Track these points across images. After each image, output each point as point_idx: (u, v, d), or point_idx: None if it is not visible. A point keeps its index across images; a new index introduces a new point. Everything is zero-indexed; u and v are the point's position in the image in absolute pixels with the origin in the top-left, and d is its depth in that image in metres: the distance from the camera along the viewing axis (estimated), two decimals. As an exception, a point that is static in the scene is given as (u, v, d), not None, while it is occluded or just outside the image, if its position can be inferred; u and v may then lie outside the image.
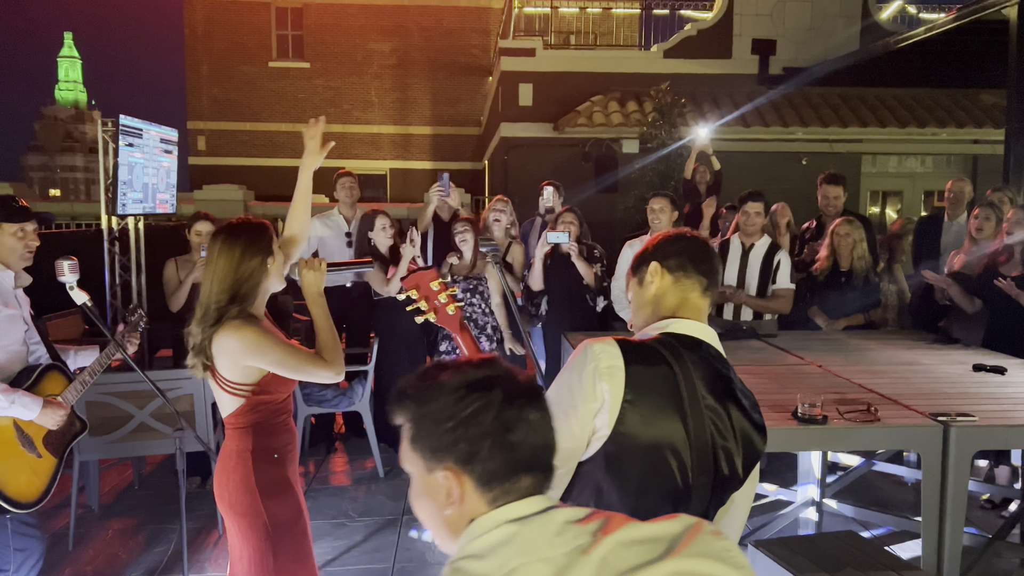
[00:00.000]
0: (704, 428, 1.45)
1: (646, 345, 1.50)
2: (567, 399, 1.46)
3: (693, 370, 1.48)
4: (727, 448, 1.49)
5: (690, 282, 1.62)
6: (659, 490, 1.43)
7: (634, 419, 1.41)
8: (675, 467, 1.43)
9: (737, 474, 1.51)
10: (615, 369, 1.42)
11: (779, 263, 4.66)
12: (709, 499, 1.48)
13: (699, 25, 12.47)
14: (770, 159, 11.87)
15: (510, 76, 12.20)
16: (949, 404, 2.99)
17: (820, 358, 3.87)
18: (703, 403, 1.47)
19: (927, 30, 8.59)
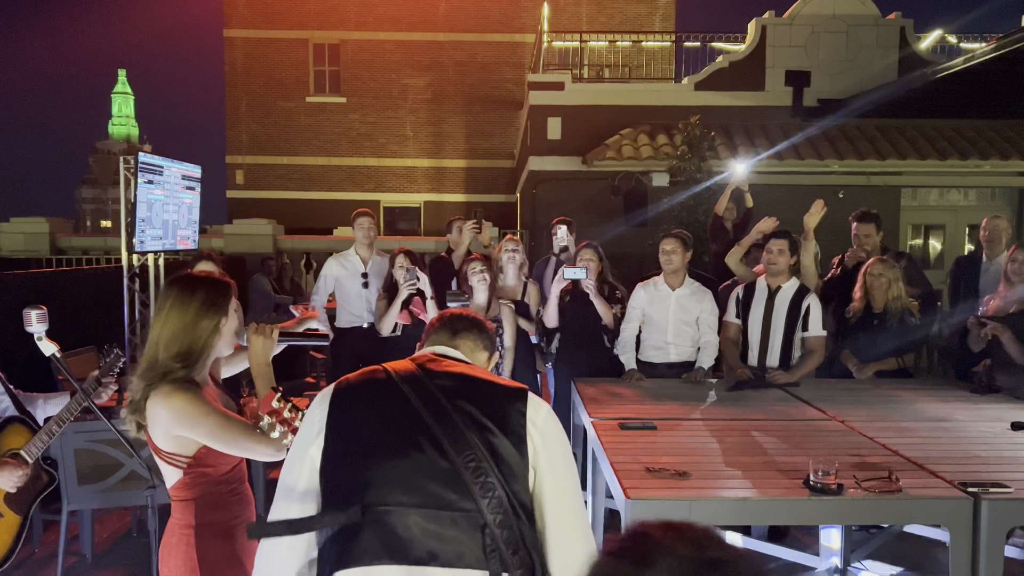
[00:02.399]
0: (433, 396, 1.51)
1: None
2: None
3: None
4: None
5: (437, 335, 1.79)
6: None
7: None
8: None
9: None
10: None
11: (808, 308, 4.38)
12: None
13: (731, 57, 12.28)
14: (805, 192, 11.48)
15: (539, 110, 12.12)
16: (982, 471, 2.71)
17: (843, 412, 3.60)
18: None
19: (966, 60, 8.28)
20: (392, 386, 1.56)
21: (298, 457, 1.56)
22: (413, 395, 1.52)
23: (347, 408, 1.55)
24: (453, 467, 1.43)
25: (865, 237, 5.15)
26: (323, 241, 13.69)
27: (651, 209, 11.06)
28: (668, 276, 4.61)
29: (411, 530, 1.40)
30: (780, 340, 4.42)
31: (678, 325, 4.55)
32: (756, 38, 12.16)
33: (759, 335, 4.46)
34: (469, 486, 1.42)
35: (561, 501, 1.51)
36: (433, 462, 1.44)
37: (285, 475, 1.56)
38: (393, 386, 1.56)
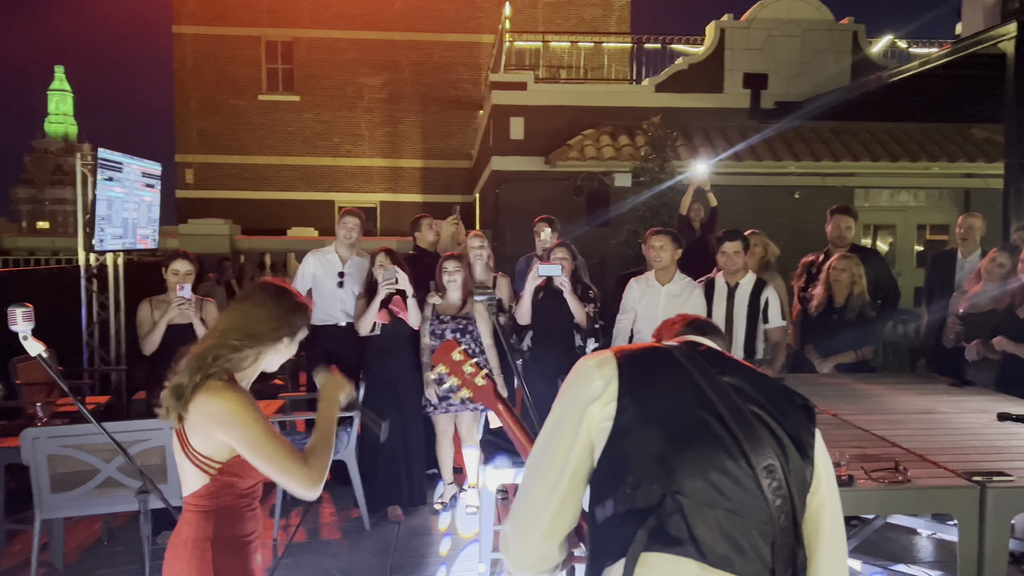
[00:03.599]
0: (725, 391, 1.39)
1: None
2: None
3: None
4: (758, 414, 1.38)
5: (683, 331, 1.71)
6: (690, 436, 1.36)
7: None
8: (704, 416, 1.37)
9: (781, 439, 1.37)
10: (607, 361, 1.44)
11: (767, 301, 4.50)
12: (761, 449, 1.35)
13: (690, 59, 12.43)
14: (763, 193, 11.78)
15: (501, 109, 12.10)
16: (979, 460, 2.77)
17: (832, 405, 3.65)
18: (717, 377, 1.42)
19: (922, 64, 8.51)
20: (682, 368, 1.45)
21: (571, 422, 1.41)
22: (707, 385, 1.41)
23: (641, 381, 1.41)
24: (753, 473, 1.34)
25: (846, 229, 5.26)
26: (282, 241, 13.45)
27: (614, 209, 11.12)
28: (658, 272, 4.65)
29: (712, 529, 1.32)
30: (743, 334, 4.52)
31: None
32: (715, 41, 12.34)
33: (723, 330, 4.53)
34: (766, 495, 1.34)
35: (836, 530, 1.44)
36: (734, 463, 1.35)
37: (549, 442, 1.43)
38: (683, 368, 1.45)
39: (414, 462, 4.92)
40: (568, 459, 1.39)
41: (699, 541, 1.28)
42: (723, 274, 4.66)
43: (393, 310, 4.81)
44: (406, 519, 4.82)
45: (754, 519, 1.30)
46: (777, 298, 4.57)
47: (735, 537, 1.29)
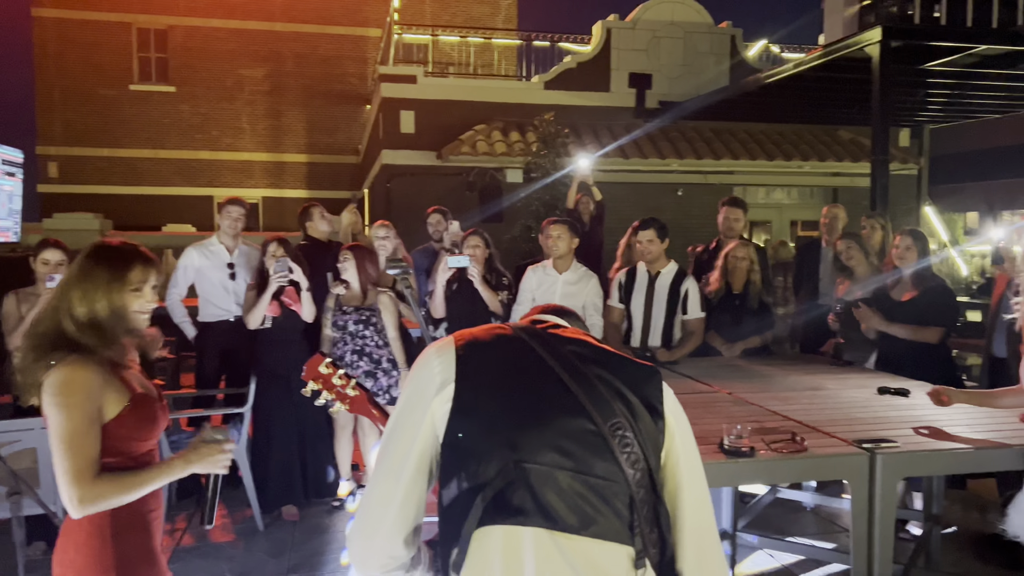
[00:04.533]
0: (567, 358, 1.42)
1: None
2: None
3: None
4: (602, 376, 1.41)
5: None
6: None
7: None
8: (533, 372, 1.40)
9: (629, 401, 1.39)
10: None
11: (687, 292, 4.58)
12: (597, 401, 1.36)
13: (578, 58, 12.65)
14: (648, 190, 12.12)
15: (391, 103, 11.92)
16: (866, 430, 2.92)
17: (728, 385, 3.78)
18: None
19: (796, 66, 8.98)
20: (523, 343, 1.45)
21: (414, 413, 1.40)
22: (548, 355, 1.41)
23: (479, 359, 1.41)
24: (600, 433, 1.34)
25: (734, 221, 5.46)
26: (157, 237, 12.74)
27: (506, 204, 11.17)
28: (556, 261, 4.68)
29: (565, 494, 1.30)
30: (662, 323, 4.59)
31: None
32: (601, 41, 12.60)
33: (641, 318, 4.61)
34: (616, 454, 1.33)
35: (697, 484, 1.44)
36: (581, 426, 1.34)
37: (392, 436, 1.42)
38: (524, 343, 1.45)
39: (310, 459, 4.76)
40: (410, 452, 1.38)
41: (548, 508, 1.28)
42: (644, 263, 4.72)
43: (285, 302, 4.63)
44: (303, 518, 4.65)
45: (608, 479, 1.31)
46: (697, 289, 4.66)
47: (590, 499, 1.30)
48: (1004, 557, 3.89)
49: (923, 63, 8.28)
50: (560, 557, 1.27)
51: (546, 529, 1.28)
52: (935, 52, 7.97)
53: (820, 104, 10.83)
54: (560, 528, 1.28)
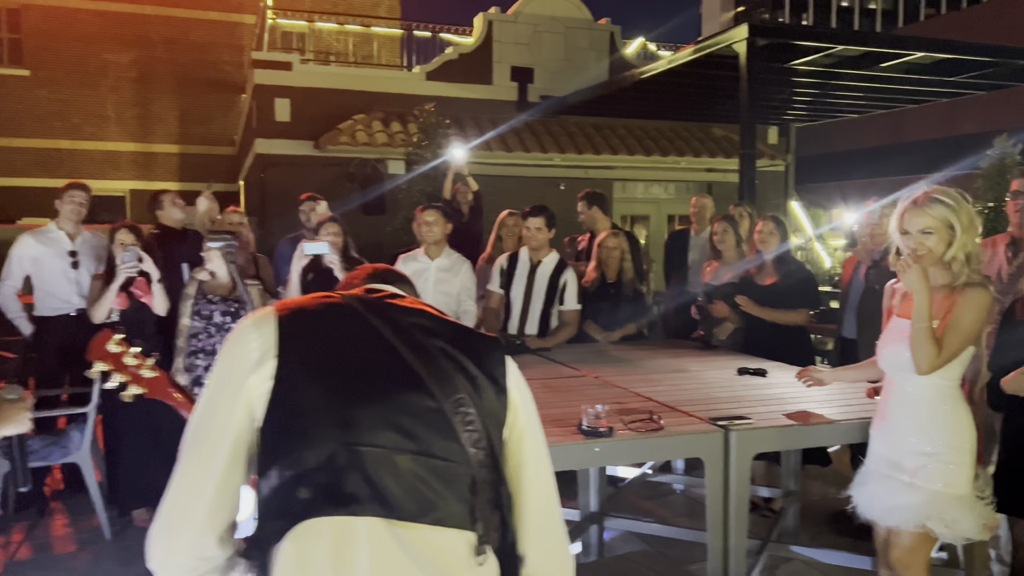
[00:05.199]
0: (406, 331, 1.30)
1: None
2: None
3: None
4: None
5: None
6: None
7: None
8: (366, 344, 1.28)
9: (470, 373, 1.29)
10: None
11: (565, 283, 4.57)
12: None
13: (460, 49, 12.55)
14: (531, 183, 12.16)
15: (265, 90, 11.46)
16: (723, 408, 2.97)
17: (596, 369, 3.78)
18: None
19: (668, 63, 9.19)
20: (355, 313, 1.30)
21: (226, 393, 1.22)
22: (385, 327, 1.28)
23: (304, 331, 1.26)
24: (441, 410, 1.22)
25: (586, 216, 5.61)
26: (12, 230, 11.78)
27: (388, 196, 10.95)
28: (429, 247, 4.58)
29: (403, 478, 1.18)
30: (539, 312, 4.57)
31: (437, 295, 4.52)
32: (483, 33, 12.54)
33: (520, 306, 4.57)
34: (458, 433, 1.22)
35: (540, 462, 1.35)
36: (421, 403, 1.22)
37: (203, 418, 1.24)
38: (356, 313, 1.30)
39: (164, 458, 4.45)
40: (224, 437, 1.22)
41: (386, 494, 1.17)
42: (527, 250, 4.67)
43: (135, 294, 4.31)
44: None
45: (449, 459, 1.21)
46: (575, 281, 4.65)
47: (429, 482, 1.19)
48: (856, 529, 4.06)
49: (788, 62, 8.65)
50: (398, 548, 1.16)
51: (382, 518, 1.16)
52: (799, 52, 8.33)
53: (695, 101, 11.16)
54: (398, 516, 1.17)
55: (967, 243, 2.40)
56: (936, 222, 2.41)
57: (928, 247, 2.43)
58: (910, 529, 2.43)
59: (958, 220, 2.39)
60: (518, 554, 1.30)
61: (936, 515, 2.40)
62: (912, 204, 2.46)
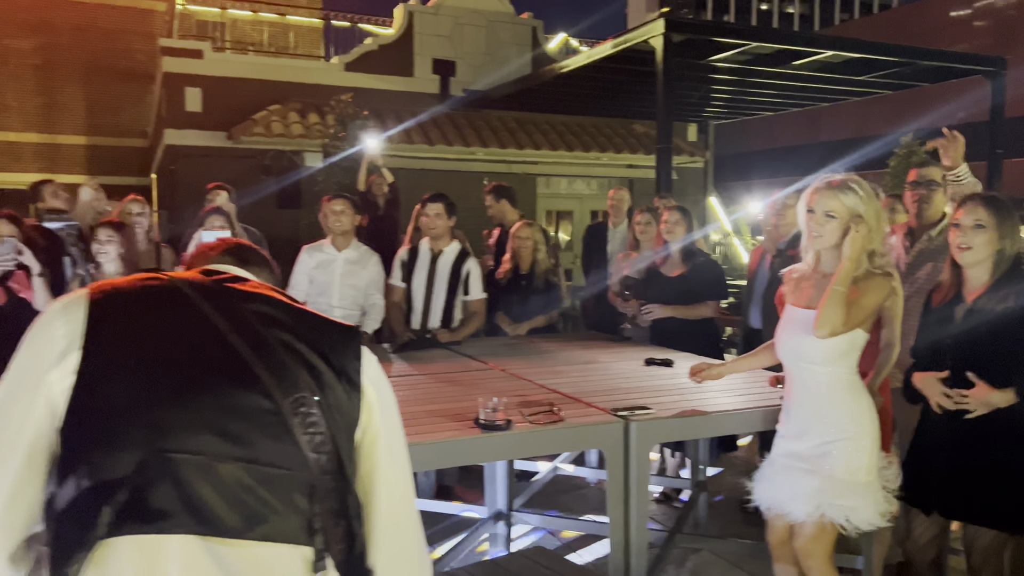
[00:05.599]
0: (245, 319, 1.14)
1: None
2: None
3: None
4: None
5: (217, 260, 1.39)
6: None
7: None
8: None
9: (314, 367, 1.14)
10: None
11: (469, 272, 4.45)
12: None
13: (380, 40, 12.33)
14: (455, 178, 12.01)
15: (174, 78, 11.02)
16: (627, 399, 2.92)
17: (503, 362, 3.69)
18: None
19: (587, 57, 9.20)
20: (182, 298, 1.13)
21: (24, 388, 1.05)
22: (218, 315, 1.12)
23: (118, 317, 1.09)
24: (278, 411, 1.07)
25: (494, 210, 5.63)
26: None
27: (304, 189, 10.67)
28: (337, 238, 4.42)
29: (226, 489, 1.02)
30: (442, 303, 4.43)
31: (344, 288, 4.36)
32: (404, 24, 12.35)
33: (422, 298, 4.44)
34: (297, 437, 1.07)
35: (397, 466, 1.22)
36: (253, 402, 1.07)
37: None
38: (184, 298, 1.13)
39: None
40: (18, 440, 1.05)
41: (203, 508, 1.01)
42: (428, 240, 4.54)
43: (13, 288, 4.02)
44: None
45: (285, 466, 1.07)
46: (479, 270, 4.54)
47: (258, 492, 1.04)
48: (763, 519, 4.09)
49: (705, 59, 8.75)
50: (216, 569, 1.01)
51: (198, 536, 1.01)
52: (716, 49, 8.44)
53: (616, 98, 11.22)
54: (217, 532, 1.01)
55: (873, 239, 2.40)
56: (843, 209, 2.40)
57: (825, 232, 2.43)
58: (811, 518, 2.42)
59: (865, 213, 2.39)
60: (367, 567, 1.17)
61: (836, 502, 2.40)
62: (826, 185, 2.45)
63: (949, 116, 15.02)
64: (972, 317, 2.48)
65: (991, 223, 2.42)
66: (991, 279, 2.47)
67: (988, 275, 2.48)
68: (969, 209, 2.46)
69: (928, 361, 2.60)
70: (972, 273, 2.51)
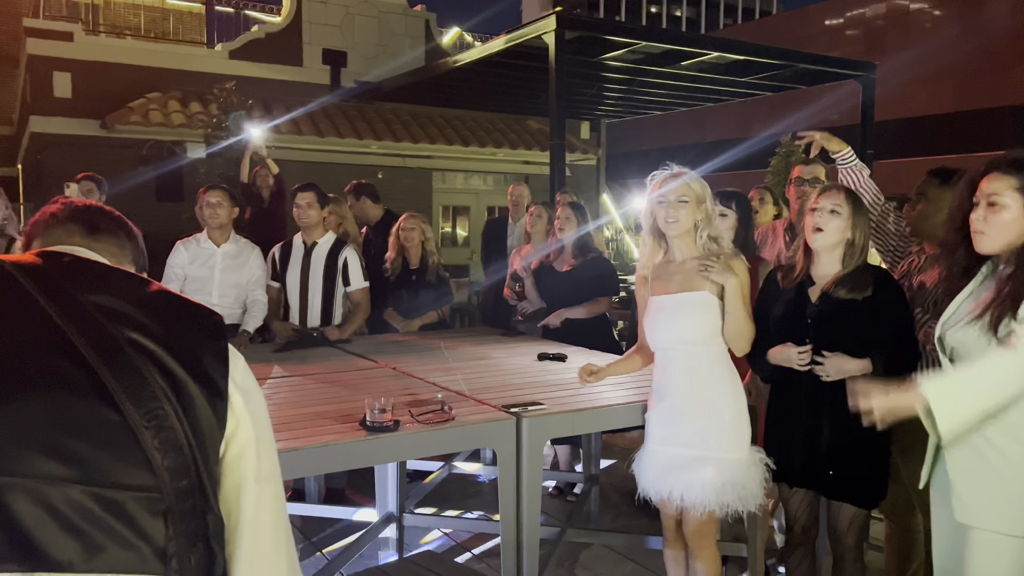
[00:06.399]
0: (89, 316, 0.99)
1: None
2: None
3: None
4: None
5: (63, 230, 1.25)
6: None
7: None
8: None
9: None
10: None
11: (346, 261, 4.30)
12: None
13: (267, 28, 11.89)
14: (347, 171, 11.70)
15: (41, 62, 10.27)
16: (520, 395, 2.88)
17: (394, 360, 3.60)
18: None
19: (481, 52, 9.14)
20: (14, 285, 0.98)
21: None
22: (56, 311, 0.96)
23: None
24: (126, 424, 0.92)
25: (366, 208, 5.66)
26: None
27: (186, 181, 10.16)
28: (213, 232, 4.18)
29: (61, 517, 0.86)
30: (320, 297, 4.27)
31: (224, 286, 4.14)
32: (292, 12, 11.96)
33: (298, 294, 4.27)
34: (149, 452, 0.92)
35: (264, 475, 1.08)
36: (95, 415, 0.91)
37: None
38: (16, 287, 0.98)
39: None
40: None
41: (31, 541, 0.87)
42: (301, 233, 4.35)
43: None
44: None
45: (133, 487, 0.93)
46: (357, 258, 4.37)
47: (102, 520, 0.90)
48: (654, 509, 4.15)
49: (597, 57, 8.85)
50: None
51: (25, 572, 0.86)
52: (607, 47, 8.54)
53: (510, 93, 11.21)
54: (48, 568, 0.87)
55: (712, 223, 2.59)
56: (691, 193, 2.54)
57: (680, 216, 2.53)
58: (709, 503, 2.45)
59: (704, 197, 2.56)
60: None
61: (729, 482, 2.44)
62: (671, 175, 2.60)
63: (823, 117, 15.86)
64: (828, 301, 2.56)
65: (846, 211, 2.53)
66: (843, 268, 2.57)
67: (839, 263, 2.58)
68: (829, 195, 2.57)
69: (782, 338, 2.62)
70: (824, 258, 2.60)
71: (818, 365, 2.51)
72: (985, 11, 19.87)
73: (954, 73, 19.99)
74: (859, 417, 2.03)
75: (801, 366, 2.52)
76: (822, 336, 2.53)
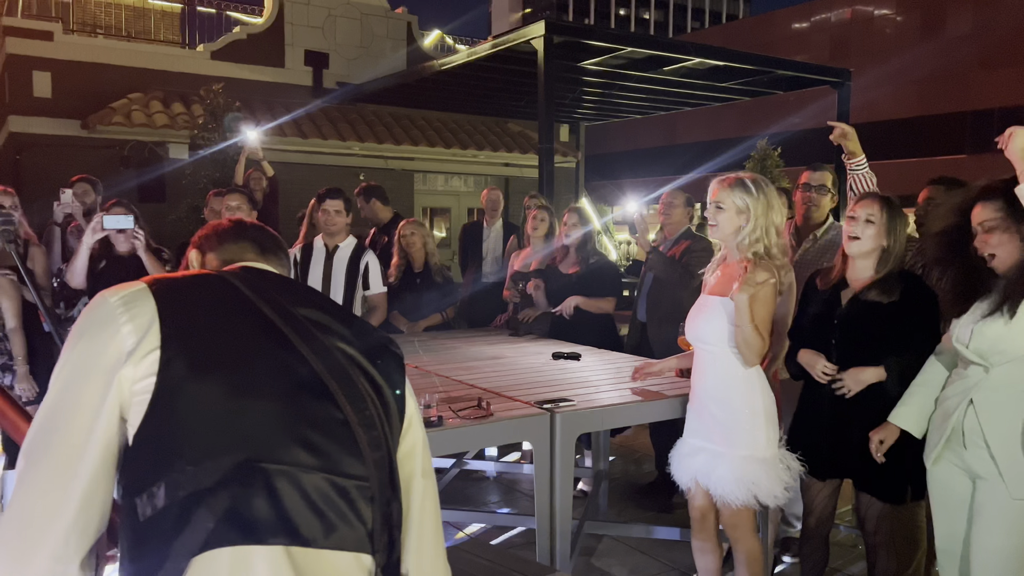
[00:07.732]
0: (305, 327, 1.14)
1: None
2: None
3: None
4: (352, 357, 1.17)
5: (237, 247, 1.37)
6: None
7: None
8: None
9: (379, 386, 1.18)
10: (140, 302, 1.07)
11: (367, 266, 4.40)
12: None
13: (250, 29, 11.88)
14: (330, 172, 11.78)
15: (20, 61, 10.17)
16: (545, 392, 3.02)
17: (413, 359, 3.71)
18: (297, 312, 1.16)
19: (468, 55, 9.26)
20: (244, 301, 1.11)
21: (91, 387, 1.00)
22: (279, 319, 1.09)
23: (186, 316, 1.05)
24: (347, 421, 1.08)
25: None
26: None
27: (169, 182, 10.13)
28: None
29: (310, 499, 1.02)
30: (340, 299, 4.37)
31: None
32: (274, 13, 11.97)
33: None
34: (363, 447, 1.09)
35: (429, 472, 1.24)
36: (328, 414, 1.07)
37: (58, 418, 1.00)
38: (245, 301, 1.11)
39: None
40: (90, 440, 0.99)
41: (291, 519, 1.01)
42: (323, 236, 4.44)
43: None
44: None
45: (356, 479, 1.09)
46: (377, 263, 4.47)
47: (336, 503, 1.06)
48: (657, 503, 4.33)
49: (579, 61, 9.02)
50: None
51: (286, 547, 1.00)
52: (590, 51, 8.71)
53: (493, 96, 11.34)
54: (300, 542, 1.02)
55: (757, 229, 2.61)
56: (729, 201, 2.62)
57: (718, 221, 2.65)
58: (737, 500, 2.58)
59: (752, 207, 2.60)
60: (402, 573, 1.19)
61: (751, 479, 2.58)
62: (716, 181, 2.69)
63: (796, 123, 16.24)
64: (856, 303, 2.73)
65: (881, 220, 2.68)
66: (876, 273, 2.73)
67: (873, 269, 2.74)
68: (865, 204, 2.72)
69: (813, 337, 2.81)
70: (859, 264, 2.76)
71: (838, 382, 2.67)
72: (947, 18, 20.47)
73: (918, 79, 20.58)
74: (883, 414, 2.22)
75: (821, 379, 2.71)
76: (846, 337, 2.69)
